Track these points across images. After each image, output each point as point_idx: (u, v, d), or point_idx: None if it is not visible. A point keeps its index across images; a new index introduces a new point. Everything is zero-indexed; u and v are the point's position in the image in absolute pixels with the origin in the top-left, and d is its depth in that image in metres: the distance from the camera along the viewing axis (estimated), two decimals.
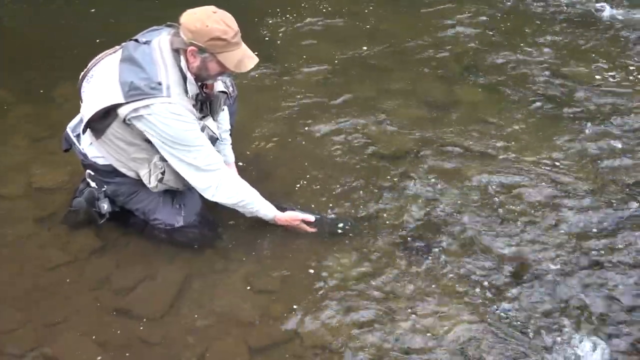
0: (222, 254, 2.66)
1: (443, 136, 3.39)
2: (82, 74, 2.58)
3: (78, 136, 2.61)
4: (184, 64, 2.35)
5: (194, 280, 2.54)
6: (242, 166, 2.94)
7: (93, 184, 2.62)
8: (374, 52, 4.26)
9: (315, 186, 3.02)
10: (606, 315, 2.39)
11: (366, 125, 3.48)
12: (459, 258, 2.63)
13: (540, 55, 4.20)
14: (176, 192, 2.65)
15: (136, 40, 2.42)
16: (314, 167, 3.14)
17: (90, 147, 2.55)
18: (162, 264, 2.60)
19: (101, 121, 2.41)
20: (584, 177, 3.09)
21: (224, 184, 2.51)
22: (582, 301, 2.44)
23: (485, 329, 2.33)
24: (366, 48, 4.30)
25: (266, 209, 2.62)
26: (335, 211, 2.85)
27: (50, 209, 2.84)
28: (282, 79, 3.93)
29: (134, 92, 2.29)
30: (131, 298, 2.47)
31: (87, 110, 2.42)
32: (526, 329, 2.34)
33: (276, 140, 3.34)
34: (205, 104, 2.50)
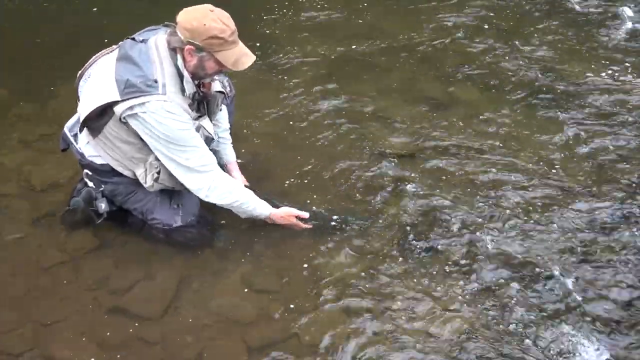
0: (220, 253, 2.65)
1: (441, 134, 3.38)
2: (79, 74, 2.58)
3: (75, 135, 2.60)
4: (180, 63, 2.35)
5: (192, 279, 2.54)
6: (239, 164, 2.93)
7: (91, 183, 2.62)
8: (372, 50, 4.24)
9: (313, 185, 3.01)
10: (606, 315, 2.38)
11: (364, 123, 3.48)
12: (457, 257, 2.62)
13: (538, 53, 4.18)
14: (174, 192, 2.64)
15: (133, 39, 2.42)
16: (311, 166, 3.14)
17: (87, 147, 2.55)
18: (160, 263, 2.60)
19: (97, 120, 2.40)
20: (582, 176, 3.08)
21: (217, 185, 2.50)
22: (581, 301, 2.43)
23: (484, 329, 2.33)
24: (364, 46, 4.28)
25: (262, 207, 2.61)
26: (332, 209, 2.85)
27: (48, 208, 2.84)
28: (280, 77, 3.92)
29: (129, 89, 2.28)
30: (129, 298, 2.46)
31: (83, 109, 2.42)
32: (525, 328, 2.33)
33: (273, 139, 3.34)
34: (202, 104, 2.49)
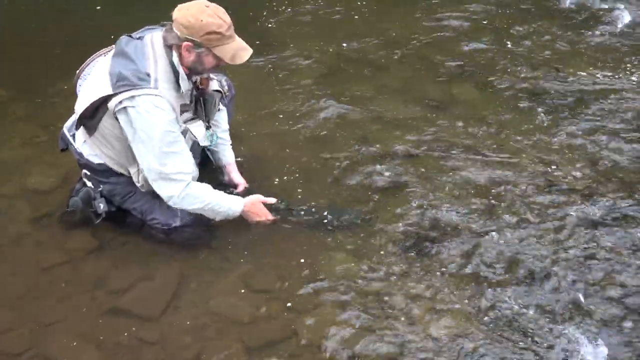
0: (219, 253, 2.65)
1: (440, 134, 3.38)
2: (77, 73, 2.59)
3: (74, 136, 2.61)
4: (176, 60, 2.34)
5: (191, 279, 2.54)
6: (238, 164, 2.93)
7: (89, 183, 2.62)
8: (371, 49, 4.24)
9: (312, 185, 3.01)
10: (606, 314, 2.37)
11: (364, 123, 3.47)
12: (456, 257, 2.62)
13: (537, 53, 4.18)
14: None
15: (130, 36, 2.43)
16: (309, 165, 3.13)
17: (84, 145, 2.55)
18: (159, 263, 2.60)
19: (92, 117, 2.41)
20: (582, 175, 3.07)
21: (188, 193, 2.44)
22: (581, 300, 2.42)
23: (484, 329, 2.32)
24: (363, 44, 4.28)
25: (232, 202, 2.56)
26: (331, 208, 2.83)
27: (47, 208, 2.84)
28: (278, 76, 3.92)
29: (121, 82, 2.28)
30: (128, 298, 2.46)
31: (79, 106, 2.43)
32: (525, 329, 2.32)
33: (272, 139, 3.33)
34: (199, 103, 2.49)
